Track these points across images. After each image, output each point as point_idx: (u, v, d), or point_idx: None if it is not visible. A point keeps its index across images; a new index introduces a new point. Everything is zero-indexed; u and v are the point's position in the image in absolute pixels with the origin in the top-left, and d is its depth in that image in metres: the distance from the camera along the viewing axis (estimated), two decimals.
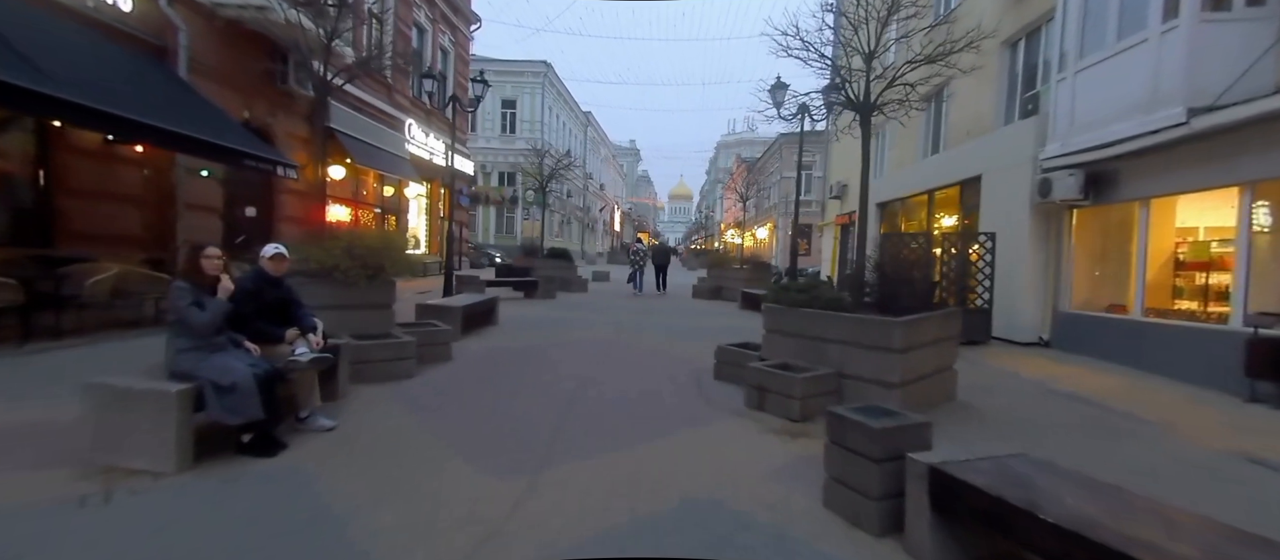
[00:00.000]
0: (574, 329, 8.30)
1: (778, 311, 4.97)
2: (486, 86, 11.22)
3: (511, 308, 10.48)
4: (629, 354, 6.64)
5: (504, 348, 6.60)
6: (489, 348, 6.55)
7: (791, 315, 4.86)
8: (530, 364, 5.85)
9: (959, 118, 11.49)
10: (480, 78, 10.66)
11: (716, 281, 14.83)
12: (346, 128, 12.99)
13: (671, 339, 7.79)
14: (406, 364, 5.03)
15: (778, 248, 35.25)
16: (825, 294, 4.79)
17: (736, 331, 8.51)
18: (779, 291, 5.06)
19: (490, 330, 7.76)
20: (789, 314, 4.88)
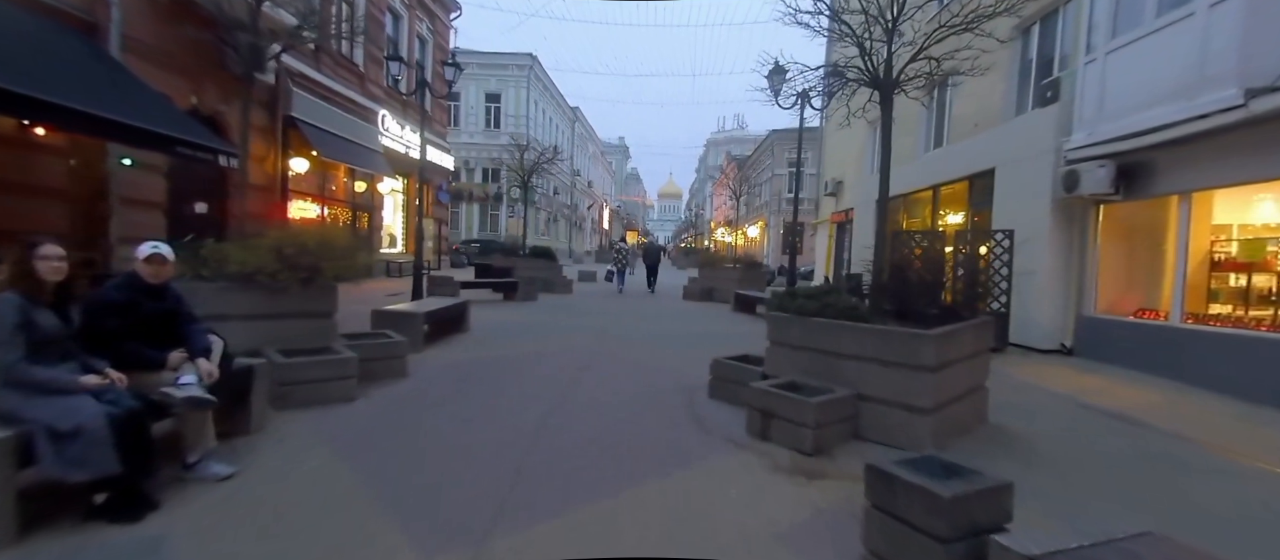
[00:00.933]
0: (553, 336, 7.53)
1: (784, 322, 4.25)
2: (460, 71, 10.40)
3: (488, 312, 9.69)
4: (612, 366, 5.89)
5: (471, 360, 5.82)
6: (453, 361, 5.77)
7: (800, 326, 4.14)
8: (498, 381, 5.08)
9: (964, 109, 10.88)
10: (453, 61, 9.84)
11: (707, 282, 14.12)
12: (311, 118, 12.10)
13: (660, 347, 7.06)
14: (346, 384, 4.24)
15: (769, 246, 34.68)
16: (840, 302, 4.07)
17: (731, 338, 7.83)
18: (786, 299, 4.34)
19: (459, 339, 6.97)
20: (797, 324, 4.16)
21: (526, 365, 5.71)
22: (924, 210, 11.59)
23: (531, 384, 5.01)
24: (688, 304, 12.82)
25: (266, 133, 11.09)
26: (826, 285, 4.49)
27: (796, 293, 4.40)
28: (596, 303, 12.22)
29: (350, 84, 14.26)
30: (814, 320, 4.08)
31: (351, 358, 4.29)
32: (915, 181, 11.77)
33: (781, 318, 4.28)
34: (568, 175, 44.12)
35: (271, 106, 11.10)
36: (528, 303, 11.46)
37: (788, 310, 4.26)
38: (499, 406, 4.32)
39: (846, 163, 17.98)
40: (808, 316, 4.11)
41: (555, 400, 4.49)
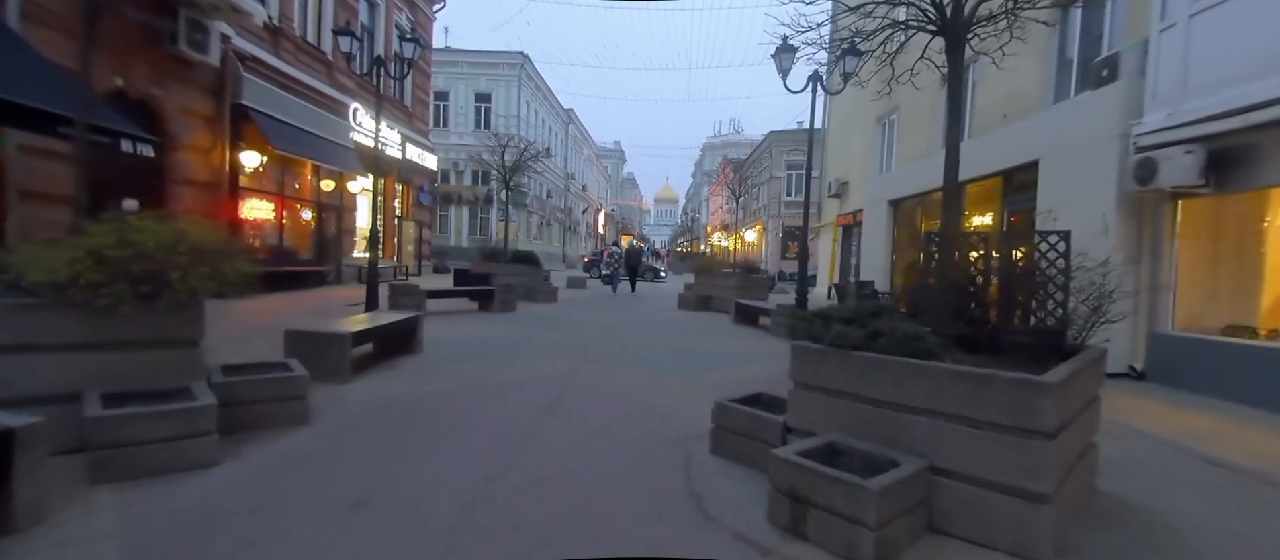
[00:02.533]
0: (521, 358, 6.30)
1: (816, 357, 3.05)
2: (420, 48, 9.19)
3: (455, 325, 8.46)
4: (586, 403, 4.66)
5: (406, 396, 4.58)
6: (383, 397, 4.52)
7: (840, 364, 2.94)
8: (430, 430, 3.85)
9: (990, 99, 9.74)
10: (413, 36, 8.63)
11: (705, 290, 12.92)
12: (267, 107, 10.86)
13: (650, 373, 5.82)
14: (199, 444, 3.01)
15: (768, 250, 33.54)
16: (899, 330, 2.86)
17: (734, 360, 6.62)
18: (817, 323, 3.12)
19: (403, 363, 5.73)
20: (836, 362, 2.95)
21: (476, 403, 4.47)
22: None
23: (474, 434, 3.77)
24: (683, 314, 11.60)
25: (212, 122, 9.85)
26: (874, 301, 3.28)
27: (831, 314, 3.19)
28: (581, 313, 10.98)
29: (316, 73, 13.04)
30: (861, 356, 2.87)
31: (203, 406, 3.05)
32: (933, 180, 10.57)
33: (812, 352, 3.07)
34: (561, 178, 42.93)
35: (217, 93, 9.86)
36: (505, 314, 10.22)
37: (821, 340, 3.04)
38: (413, 478, 3.08)
39: (851, 162, 16.84)
40: (851, 350, 2.90)
41: (498, 465, 3.26)
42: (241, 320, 7.87)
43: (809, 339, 3.14)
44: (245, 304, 9.37)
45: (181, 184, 9.36)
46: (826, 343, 2.98)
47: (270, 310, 9.00)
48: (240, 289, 3.63)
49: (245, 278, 3.65)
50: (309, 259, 12.83)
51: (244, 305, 9.21)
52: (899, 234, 12.17)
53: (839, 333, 2.95)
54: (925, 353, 2.83)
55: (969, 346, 3.33)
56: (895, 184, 12.13)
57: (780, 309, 8.87)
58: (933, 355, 2.83)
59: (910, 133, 12.54)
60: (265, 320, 8.10)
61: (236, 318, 8.04)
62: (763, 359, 6.94)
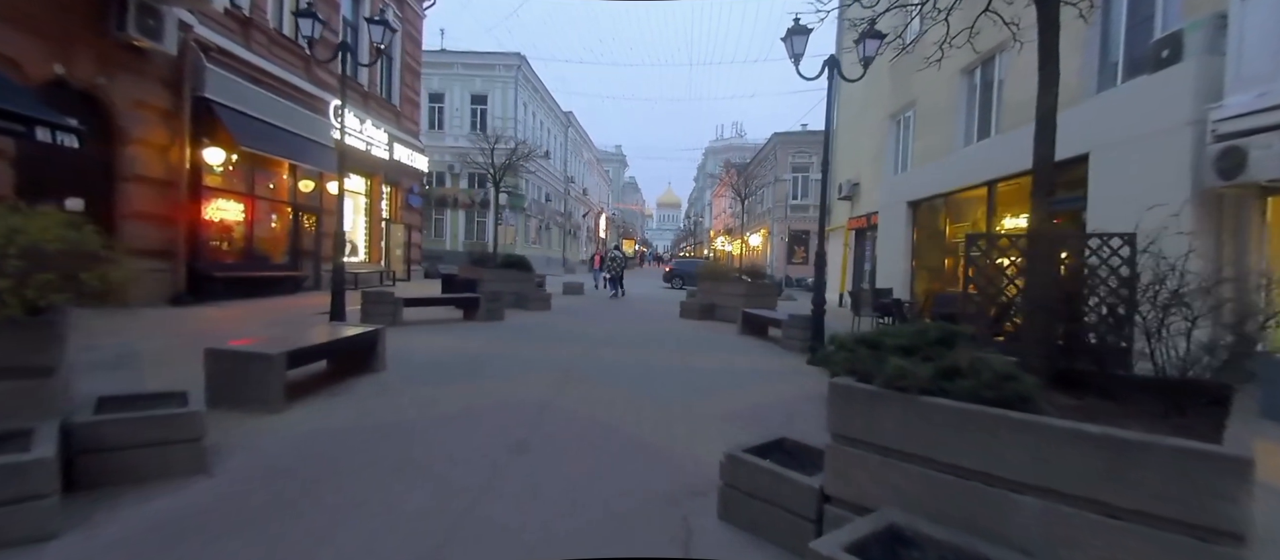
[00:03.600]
0: (497, 378, 5.46)
1: (866, 402, 2.20)
2: (391, 31, 8.40)
3: (431, 337, 7.63)
4: (564, 442, 3.81)
5: (346, 431, 3.74)
6: (314, 433, 3.68)
7: (901, 412, 2.10)
8: (361, 481, 3.01)
9: (1020, 92, 8.90)
10: (381, 19, 7.83)
11: (708, 297, 12.06)
12: (233, 101, 10.09)
13: (644, 400, 4.97)
14: (28, 512, 2.19)
15: (772, 255, 32.69)
16: (987, 367, 2.01)
17: (744, 380, 5.73)
18: (864, 353, 2.28)
19: (358, 385, 4.89)
20: (894, 410, 2.11)
21: (430, 441, 3.62)
22: (974, 212, 9.59)
23: (416, 488, 2.93)
24: (685, 324, 10.75)
25: (169, 116, 9.07)
26: (940, 325, 2.41)
27: (883, 341, 2.34)
28: (574, 324, 10.14)
29: (292, 67, 12.27)
30: (932, 404, 2.02)
31: (34, 461, 2.21)
32: (958, 178, 9.79)
33: (859, 395, 2.22)
34: (561, 181, 42.18)
35: (175, 85, 9.08)
36: (490, 324, 9.39)
37: (872, 379, 2.20)
38: (332, 552, 2.24)
39: (862, 162, 16.02)
40: (918, 394, 2.05)
41: (433, 538, 2.42)
42: (190, 331, 7.05)
43: (853, 375, 2.29)
44: (203, 312, 8.56)
45: (132, 182, 8.57)
46: (881, 383, 2.13)
47: (229, 320, 8.18)
48: (104, 299, 2.79)
49: (111, 285, 2.82)
50: (283, 264, 12.03)
51: (200, 314, 8.40)
52: (919, 237, 11.34)
53: (898, 369, 2.10)
54: (1019, 399, 1.98)
55: (1068, 385, 2.49)
56: (914, 184, 11.30)
57: (792, 320, 8.02)
58: (1029, 403, 1.99)
59: (928, 129, 11.71)
60: (220, 330, 7.28)
61: (183, 328, 7.22)
62: (774, 378, 6.09)
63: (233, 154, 10.21)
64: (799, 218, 32.17)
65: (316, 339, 4.68)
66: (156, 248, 8.94)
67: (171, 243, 9.11)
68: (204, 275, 9.56)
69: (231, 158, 10.48)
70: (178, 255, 9.17)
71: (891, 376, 2.08)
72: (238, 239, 10.86)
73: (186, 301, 9.17)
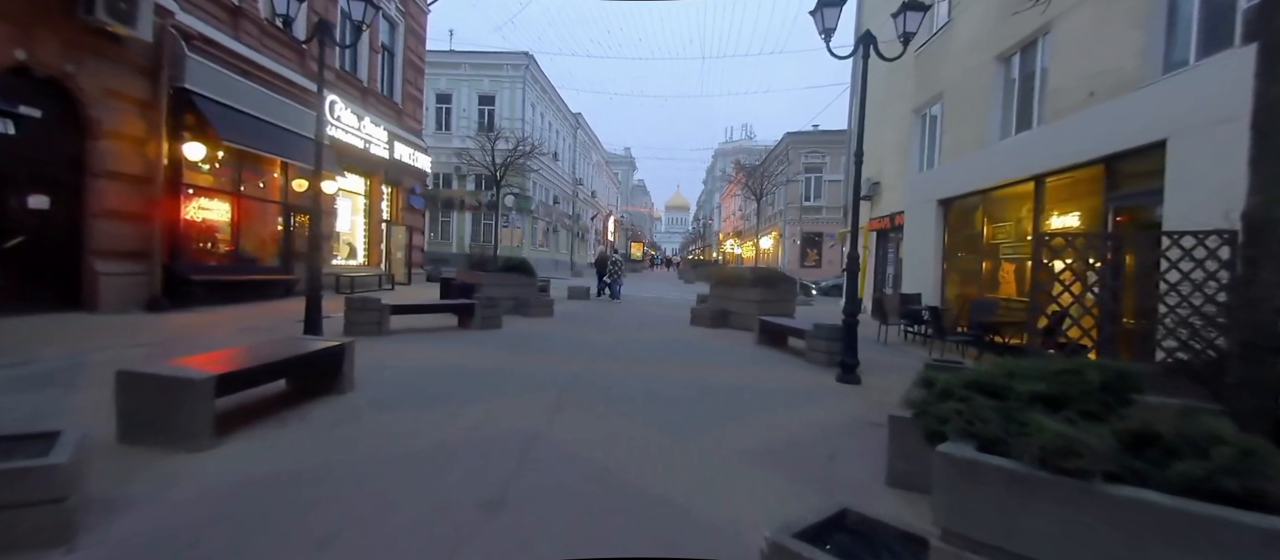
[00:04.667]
0: (480, 400, 4.72)
1: (1000, 483, 1.41)
2: (376, 11, 7.72)
3: (417, 348, 6.92)
4: (549, 499, 3.05)
5: (277, 478, 3.01)
6: (240, 481, 2.96)
7: (1065, 505, 1.30)
8: (277, 558, 2.27)
9: (1068, 78, 8.04)
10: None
11: (721, 303, 11.27)
12: (217, 93, 9.47)
13: (652, 432, 4.21)
14: None
15: (784, 258, 31.79)
16: (1212, 438, 1.22)
17: (767, 402, 4.84)
18: (980, 406, 1.49)
19: (314, 411, 4.17)
20: (1054, 501, 1.32)
21: (379, 493, 2.88)
22: (1017, 210, 8.72)
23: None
24: (697, 333, 9.96)
25: (146, 107, 8.46)
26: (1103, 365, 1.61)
27: (1009, 385, 1.56)
28: (577, 332, 9.39)
29: (285, 60, 11.68)
30: (1130, 499, 1.23)
31: None
32: (996, 174, 8.93)
33: (992, 473, 1.43)
34: (569, 183, 41.56)
35: (152, 74, 8.47)
36: (485, 333, 8.67)
37: (1004, 447, 1.41)
38: None
39: (883, 160, 15.14)
40: (1099, 479, 1.26)
41: None
42: (156, 340, 6.38)
43: (972, 439, 1.51)
44: (177, 319, 7.92)
45: (104, 178, 7.95)
46: (1031, 460, 1.34)
47: (204, 327, 7.53)
48: None
49: None
50: (273, 266, 11.40)
51: (174, 321, 7.75)
52: (951, 239, 10.47)
53: (1059, 439, 1.31)
54: None
55: None
56: (946, 181, 10.44)
57: (818, 330, 7.22)
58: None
59: (959, 122, 10.85)
60: (189, 339, 6.61)
61: (149, 337, 6.56)
62: (803, 400, 5.30)
63: (217, 149, 9.60)
64: (812, 219, 31.27)
65: (264, 357, 3.96)
66: (130, 249, 8.33)
67: (147, 243, 8.49)
68: (182, 278, 8.94)
69: (217, 154, 9.87)
70: (154, 257, 8.54)
71: (1050, 450, 1.30)
72: (223, 240, 10.24)
73: (163, 306, 8.54)
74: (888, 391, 5.90)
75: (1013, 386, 1.54)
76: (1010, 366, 1.66)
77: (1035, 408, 1.45)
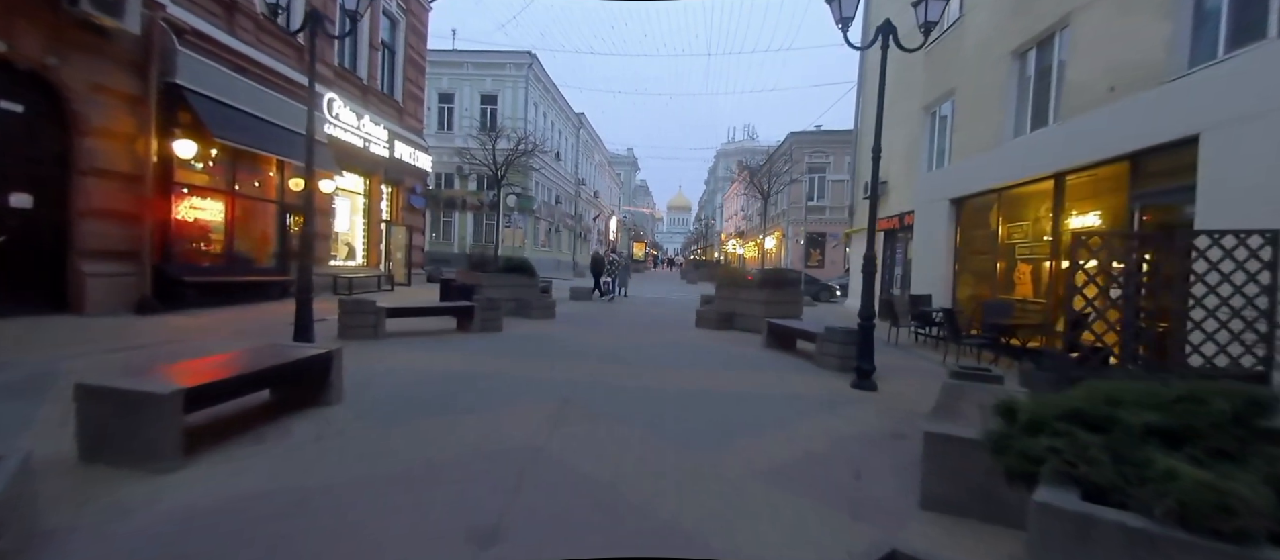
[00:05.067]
0: (478, 411, 4.45)
1: (1117, 543, 1.10)
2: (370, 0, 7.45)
3: (413, 352, 6.64)
4: (551, 525, 2.76)
5: (245, 505, 2.73)
6: (204, 509, 2.69)
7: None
8: None
9: (1087, 72, 7.74)
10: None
11: (727, 305, 10.98)
12: (210, 89, 9.21)
13: (660, 446, 3.93)
14: None
15: (787, 258, 31.48)
16: None
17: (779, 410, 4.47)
18: (1085, 444, 1.20)
19: (297, 424, 3.90)
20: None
21: (357, 524, 2.60)
22: (1034, 209, 8.41)
23: None
24: (702, 336, 9.67)
25: (135, 103, 8.20)
26: (1229, 389, 1.32)
27: (1114, 414, 1.27)
28: (580, 335, 9.11)
29: (283, 57, 11.42)
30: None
31: None
32: (1012, 172, 8.63)
33: (1112, 531, 1.13)
34: (571, 183, 41.31)
35: (142, 69, 8.21)
36: (485, 336, 8.39)
37: (1117, 496, 1.12)
38: None
39: (890, 159, 14.78)
40: (1263, 544, 0.97)
41: None
42: (140, 345, 6.11)
43: (1074, 484, 1.21)
44: (167, 322, 7.65)
45: (91, 176, 7.69)
46: (1165, 515, 1.05)
47: (193, 331, 7.26)
48: None
49: None
50: (269, 268, 11.14)
51: (162, 324, 7.48)
52: (963, 239, 10.17)
53: (1202, 490, 1.01)
54: None
55: None
56: (958, 179, 10.14)
57: (830, 334, 6.93)
58: None
59: (971, 120, 10.55)
60: (176, 344, 6.33)
61: (134, 341, 6.29)
62: (819, 408, 5.01)
63: (210, 147, 9.33)
64: (815, 219, 30.96)
65: (241, 368, 3.68)
66: (119, 249, 8.07)
67: (136, 244, 8.23)
68: (174, 279, 8.67)
69: (211, 152, 9.62)
70: (143, 258, 8.28)
71: (1194, 505, 1.00)
72: (217, 240, 9.98)
73: (153, 309, 8.27)
74: (905, 398, 5.60)
75: (1119, 417, 1.26)
76: (1111, 391, 1.36)
77: (1151, 444, 1.17)
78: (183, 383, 3.11)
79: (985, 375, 4.74)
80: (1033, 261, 8.29)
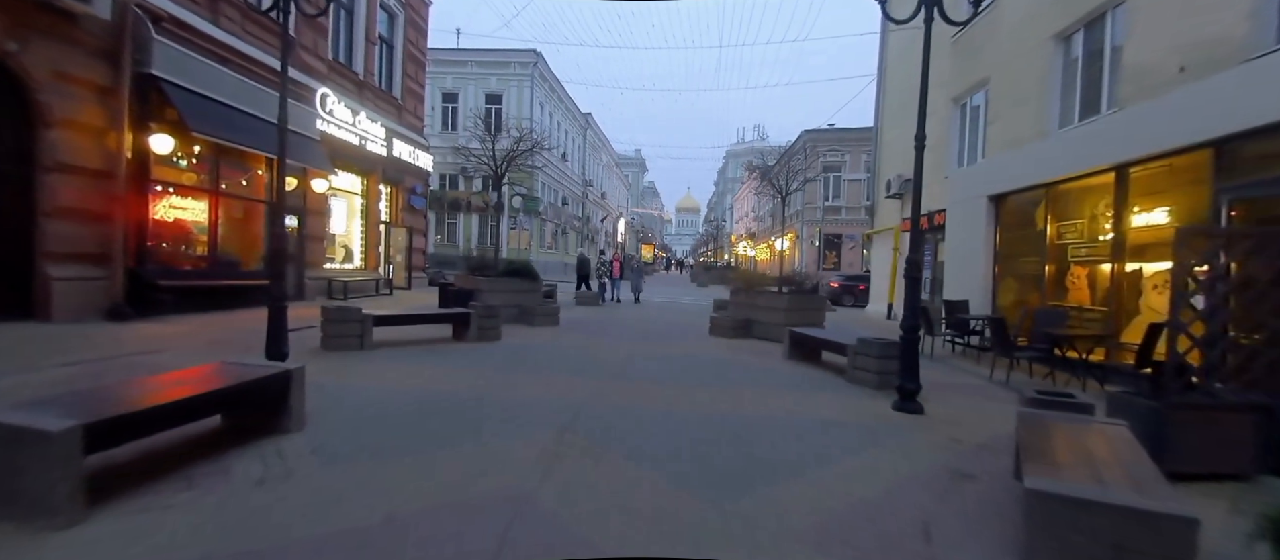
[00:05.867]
0: (458, 443, 3.77)
1: None
2: None
3: (400, 365, 5.98)
4: None
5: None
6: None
7: None
8: None
9: (1149, 53, 6.94)
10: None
11: (743, 312, 10.25)
12: (190, 81, 8.63)
13: (680, 494, 3.23)
14: None
15: (801, 261, 30.61)
16: None
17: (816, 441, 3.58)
18: None
19: (242, 460, 3.24)
20: None
21: None
22: (1090, 205, 7.60)
23: None
24: (717, 345, 8.93)
25: (106, 93, 7.63)
26: None
27: None
28: (584, 345, 8.42)
29: (271, 49, 10.81)
30: None
31: None
32: (1064, 165, 7.83)
33: None
34: (578, 184, 40.70)
35: (113, 57, 7.64)
36: (482, 346, 7.72)
37: None
38: None
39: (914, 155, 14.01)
40: None
41: None
42: (101, 357, 5.46)
43: None
44: (138, 330, 7.03)
45: (57, 171, 7.12)
46: None
47: (164, 340, 6.64)
48: None
49: None
50: (257, 271, 10.54)
51: (133, 333, 6.85)
52: (1004, 239, 9.36)
53: None
54: None
55: None
56: (998, 174, 9.34)
57: (863, 346, 6.18)
58: None
59: (1009, 110, 9.74)
60: (144, 356, 5.66)
61: (94, 352, 5.65)
62: (864, 439, 4.27)
63: (191, 142, 8.76)
64: (831, 221, 30.10)
65: (167, 394, 3.01)
66: (88, 251, 7.50)
67: (108, 245, 7.66)
68: (150, 284, 8.09)
69: (193, 148, 9.05)
70: (115, 260, 7.70)
71: None
72: (199, 242, 9.40)
73: (126, 315, 7.69)
74: (959, 423, 4.85)
75: None
76: None
77: None
78: (85, 415, 2.44)
79: (1069, 401, 3.97)
80: (1089, 264, 7.48)
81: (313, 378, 5.29)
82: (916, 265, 5.24)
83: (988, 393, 6.19)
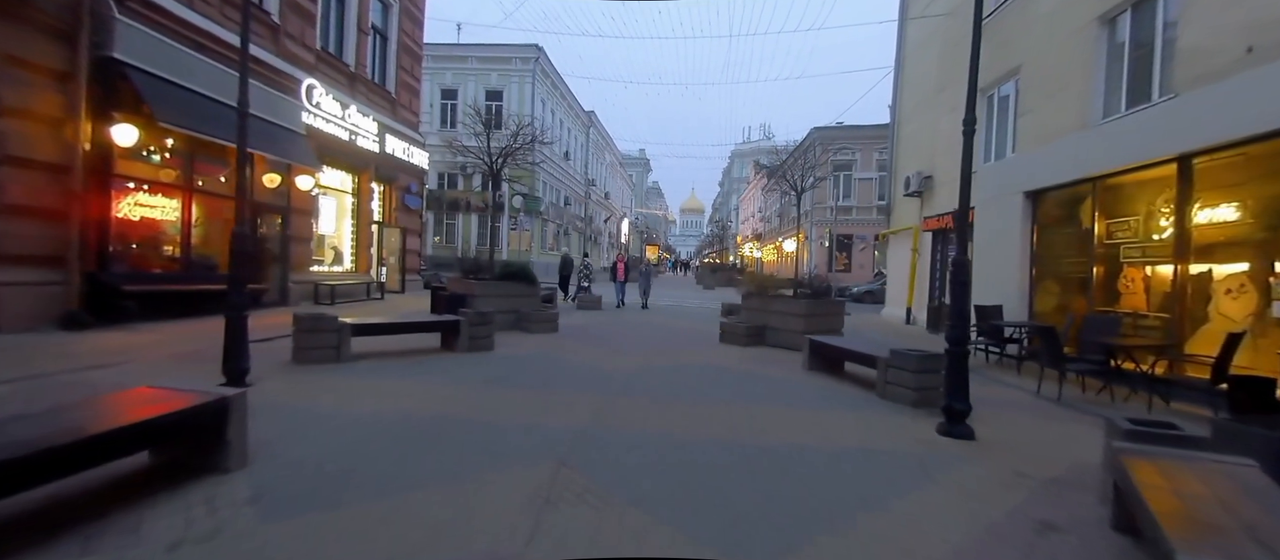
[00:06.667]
0: (431, 483, 3.11)
1: None
2: None
3: (379, 381, 5.31)
4: None
5: None
6: None
7: None
8: None
9: (1209, 34, 6.22)
10: None
11: (757, 317, 9.56)
12: (162, 68, 7.99)
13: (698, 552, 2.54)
14: None
15: (810, 262, 29.88)
16: None
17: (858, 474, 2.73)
18: None
19: (161, 511, 2.59)
20: None
21: None
22: (1146, 201, 6.88)
23: None
24: (730, 355, 8.23)
25: (62, 79, 6.99)
26: None
27: None
28: (585, 355, 7.73)
29: (254, 35, 10.13)
30: None
31: None
32: (1114, 157, 7.10)
33: None
34: (581, 184, 40.03)
35: (70, 39, 7.00)
36: (472, 357, 7.05)
37: None
38: None
39: (936, 152, 13.32)
40: None
41: None
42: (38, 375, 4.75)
43: None
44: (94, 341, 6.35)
45: (4, 165, 6.47)
46: None
47: (122, 353, 5.96)
48: None
49: None
50: None
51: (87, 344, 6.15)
52: (1042, 239, 8.64)
53: None
54: None
55: None
56: (1036, 169, 8.62)
57: (899, 358, 5.48)
58: None
59: (1044, 101, 9.03)
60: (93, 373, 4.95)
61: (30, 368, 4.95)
62: (912, 473, 3.58)
63: (160, 134, 8.11)
64: (842, 221, 29.35)
65: (59, 433, 2.34)
66: (40, 253, 6.87)
67: (63, 246, 7.02)
68: (112, 289, 7.44)
69: (165, 141, 8.41)
70: (71, 263, 7.06)
71: None
72: (170, 243, 8.75)
73: (84, 323, 7.05)
74: (1018, 450, 4.15)
75: None
76: None
77: None
78: None
79: (1172, 433, 3.29)
80: (1145, 265, 6.76)
81: (275, 398, 4.63)
82: (964, 267, 4.54)
83: (1040, 411, 5.49)
